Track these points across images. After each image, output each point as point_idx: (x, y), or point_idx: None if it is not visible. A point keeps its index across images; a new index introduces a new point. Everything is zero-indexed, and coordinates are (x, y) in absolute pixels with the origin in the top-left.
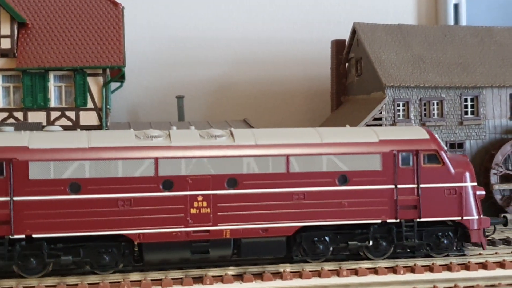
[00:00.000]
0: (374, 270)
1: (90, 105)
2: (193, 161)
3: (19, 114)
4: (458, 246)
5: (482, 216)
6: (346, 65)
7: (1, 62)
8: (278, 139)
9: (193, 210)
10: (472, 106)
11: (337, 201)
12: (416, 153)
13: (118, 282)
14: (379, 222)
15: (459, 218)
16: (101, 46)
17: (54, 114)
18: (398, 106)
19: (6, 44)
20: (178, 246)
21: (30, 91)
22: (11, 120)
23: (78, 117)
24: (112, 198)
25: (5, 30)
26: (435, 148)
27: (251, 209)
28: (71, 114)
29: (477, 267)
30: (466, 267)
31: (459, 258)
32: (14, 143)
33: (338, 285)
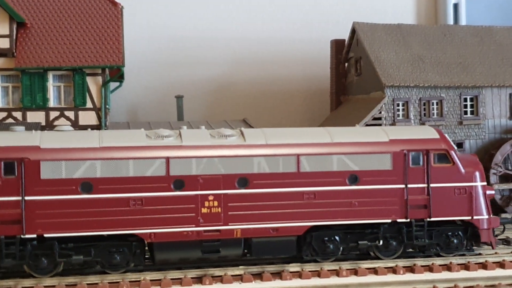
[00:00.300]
0: (374, 270)
1: (89, 105)
2: (204, 160)
3: (18, 114)
4: (468, 245)
5: (491, 215)
6: (346, 64)
7: (0, 62)
8: (289, 139)
9: (204, 210)
10: (471, 106)
11: (347, 200)
12: (426, 152)
13: (117, 282)
14: (389, 221)
15: (469, 217)
16: (100, 46)
17: (53, 114)
18: (398, 105)
19: (5, 43)
20: (189, 246)
21: (29, 91)
22: (10, 120)
23: (77, 117)
24: (123, 198)
25: (4, 29)
26: (445, 147)
27: (262, 208)
28: (70, 114)
29: (476, 267)
30: (466, 267)
31: (459, 258)
32: (25, 143)
33: (338, 285)
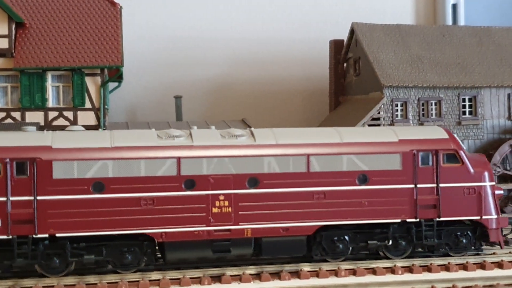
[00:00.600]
0: (373, 270)
1: (88, 105)
2: (214, 160)
3: (17, 114)
4: (477, 245)
5: (500, 215)
6: (345, 65)
7: None
8: (299, 139)
9: (214, 210)
10: (470, 106)
11: (357, 200)
12: (435, 152)
13: (116, 282)
14: (399, 221)
15: (478, 217)
16: (99, 46)
17: (52, 114)
18: (396, 106)
19: (3, 44)
20: (199, 245)
21: (27, 91)
22: (9, 120)
23: (76, 117)
24: (135, 198)
25: (2, 29)
26: (455, 147)
27: (272, 208)
28: (69, 114)
29: (475, 267)
30: (464, 267)
31: (457, 259)
32: (37, 143)
33: (337, 285)
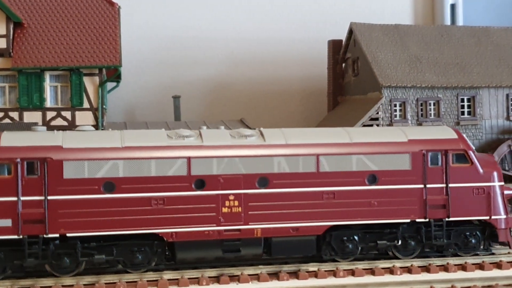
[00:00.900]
0: (371, 271)
1: (86, 105)
2: (224, 160)
3: (15, 114)
4: (485, 245)
5: (509, 215)
6: (343, 65)
7: None
8: (308, 139)
9: (224, 209)
10: (468, 107)
11: (366, 200)
12: (445, 152)
13: (114, 283)
14: (408, 221)
15: (487, 217)
16: (97, 46)
17: (50, 114)
18: (395, 106)
19: (1, 43)
20: (209, 245)
21: (25, 91)
22: (7, 120)
23: (74, 117)
24: (145, 197)
25: (0, 29)
26: (464, 147)
27: (282, 208)
28: (67, 114)
29: (474, 268)
30: (463, 268)
31: (456, 259)
32: (48, 143)
33: (335, 285)
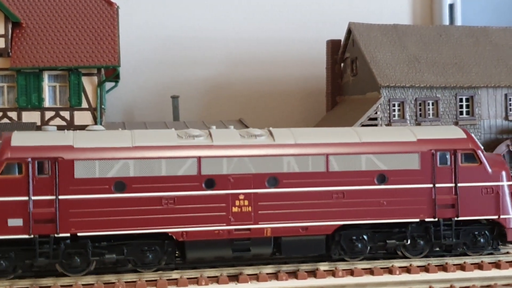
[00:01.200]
0: (370, 271)
1: (84, 105)
2: (234, 160)
3: (13, 114)
4: (494, 245)
5: None
6: (342, 65)
7: None
8: (318, 138)
9: (234, 209)
10: (467, 106)
11: (376, 200)
12: (454, 152)
13: (113, 283)
14: (417, 221)
15: (496, 216)
16: (96, 46)
17: (49, 114)
18: (394, 106)
19: (0, 43)
20: (220, 244)
21: (24, 91)
22: (5, 120)
23: (72, 117)
24: (156, 197)
25: None
26: (473, 147)
27: (292, 207)
28: (66, 114)
29: (472, 268)
30: (461, 268)
31: (455, 259)
32: (59, 142)
33: (334, 285)
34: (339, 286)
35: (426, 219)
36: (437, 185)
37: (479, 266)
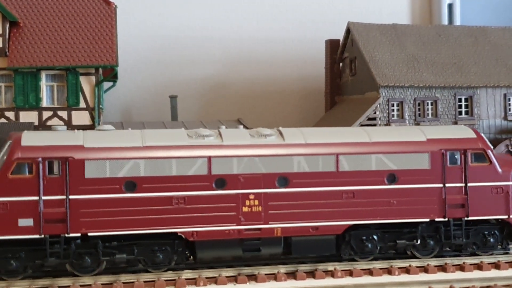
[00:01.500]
0: (369, 271)
1: (82, 104)
2: (244, 159)
3: (11, 114)
4: (504, 244)
5: None
6: (340, 65)
7: None
8: (328, 138)
9: (245, 209)
10: (466, 106)
11: (386, 199)
12: (464, 152)
13: (111, 283)
14: (427, 220)
15: (506, 216)
16: (93, 45)
17: (46, 114)
18: (393, 106)
19: None
20: (230, 244)
21: (21, 91)
22: (3, 119)
23: (70, 116)
24: (166, 197)
25: None
26: (483, 147)
27: (302, 207)
28: (63, 114)
29: (472, 268)
30: (461, 268)
31: (454, 259)
32: (69, 142)
33: (333, 286)
34: (338, 287)
35: (436, 219)
36: (447, 184)
37: (479, 267)
